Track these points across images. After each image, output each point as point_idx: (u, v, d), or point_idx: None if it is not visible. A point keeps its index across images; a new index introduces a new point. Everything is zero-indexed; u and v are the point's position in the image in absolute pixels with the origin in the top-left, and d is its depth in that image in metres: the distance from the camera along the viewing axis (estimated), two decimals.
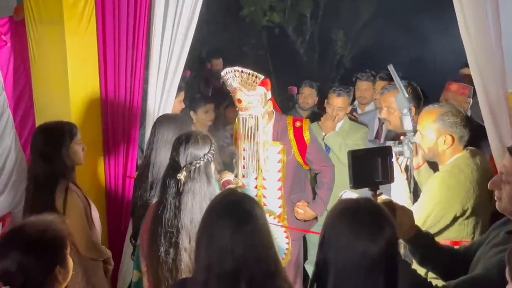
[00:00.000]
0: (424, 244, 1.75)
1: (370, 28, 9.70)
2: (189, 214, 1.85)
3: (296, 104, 4.64)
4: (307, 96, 4.48)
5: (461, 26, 2.07)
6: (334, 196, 2.99)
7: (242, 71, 2.72)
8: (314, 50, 10.07)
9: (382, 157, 1.79)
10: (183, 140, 1.95)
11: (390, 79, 3.62)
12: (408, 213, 1.72)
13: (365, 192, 1.82)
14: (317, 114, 4.40)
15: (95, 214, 2.51)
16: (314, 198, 3.03)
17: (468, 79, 4.42)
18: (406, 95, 2.42)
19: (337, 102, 3.56)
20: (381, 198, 1.76)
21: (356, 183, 1.74)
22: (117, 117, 3.13)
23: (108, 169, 3.16)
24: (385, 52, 8.67)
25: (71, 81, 2.99)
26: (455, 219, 2.13)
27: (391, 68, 2.49)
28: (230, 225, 1.40)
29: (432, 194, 2.14)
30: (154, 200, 2.10)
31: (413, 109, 2.59)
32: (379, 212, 1.35)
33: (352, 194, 1.80)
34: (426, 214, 2.10)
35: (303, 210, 2.98)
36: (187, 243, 1.84)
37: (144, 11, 3.05)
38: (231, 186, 2.51)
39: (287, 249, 2.94)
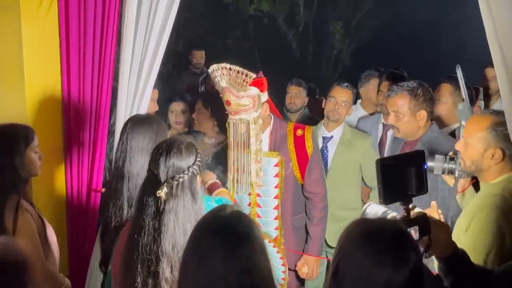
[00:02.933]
0: (461, 263, 1.74)
1: (372, 19, 9.79)
2: (171, 238, 1.81)
3: (284, 107, 4.65)
4: (294, 96, 4.50)
5: (486, 21, 2.08)
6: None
7: (230, 69, 2.71)
8: (308, 43, 10.13)
9: (416, 165, 1.75)
10: (164, 150, 1.89)
11: (398, 79, 3.64)
12: (445, 228, 1.72)
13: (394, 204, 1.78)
14: (309, 118, 4.42)
15: (52, 236, 2.47)
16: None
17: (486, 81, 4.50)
18: (469, 105, 2.38)
19: (341, 94, 3.55)
20: (414, 212, 1.74)
21: (387, 198, 1.70)
22: (82, 119, 3.08)
23: (70, 181, 3.10)
24: (390, 47, 8.78)
25: (28, 77, 2.93)
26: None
27: (459, 70, 2.39)
28: (222, 248, 1.38)
29: (488, 223, 2.04)
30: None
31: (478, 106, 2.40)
32: (404, 237, 1.35)
33: (379, 207, 1.77)
34: (487, 250, 2.00)
35: (306, 267, 2.98)
36: (168, 272, 1.79)
37: None
38: (224, 197, 2.49)
39: (283, 278, 2.93)
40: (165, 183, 1.84)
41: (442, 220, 2.16)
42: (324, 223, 3.03)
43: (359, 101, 4.40)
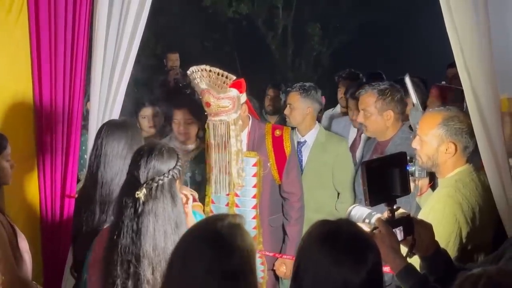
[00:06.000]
0: (443, 262, 1.77)
1: (350, 22, 9.89)
2: (151, 239, 1.80)
3: (263, 109, 4.70)
4: (273, 98, 4.57)
5: (448, 27, 2.15)
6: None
7: (210, 70, 2.74)
8: (287, 46, 10.18)
9: (400, 166, 1.79)
10: (145, 152, 1.89)
11: (352, 78, 3.70)
12: (428, 227, 1.76)
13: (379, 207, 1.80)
14: (286, 120, 4.45)
15: (24, 245, 2.45)
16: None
17: (457, 79, 4.56)
18: (421, 109, 2.47)
19: (290, 98, 3.59)
20: (398, 213, 1.77)
21: (373, 200, 1.71)
22: (54, 125, 3.06)
23: (43, 188, 3.07)
24: (368, 49, 8.89)
25: None
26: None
27: (407, 79, 2.52)
28: (207, 257, 1.39)
29: (444, 213, 2.11)
30: (108, 224, 2.06)
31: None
32: (362, 237, 1.38)
33: (363, 209, 1.80)
34: (446, 239, 2.06)
35: (284, 267, 3.00)
36: (150, 274, 1.78)
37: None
38: (197, 210, 2.50)
39: (262, 277, 2.96)
40: (144, 185, 1.84)
41: None
42: (301, 223, 3.05)
43: (337, 107, 4.44)
